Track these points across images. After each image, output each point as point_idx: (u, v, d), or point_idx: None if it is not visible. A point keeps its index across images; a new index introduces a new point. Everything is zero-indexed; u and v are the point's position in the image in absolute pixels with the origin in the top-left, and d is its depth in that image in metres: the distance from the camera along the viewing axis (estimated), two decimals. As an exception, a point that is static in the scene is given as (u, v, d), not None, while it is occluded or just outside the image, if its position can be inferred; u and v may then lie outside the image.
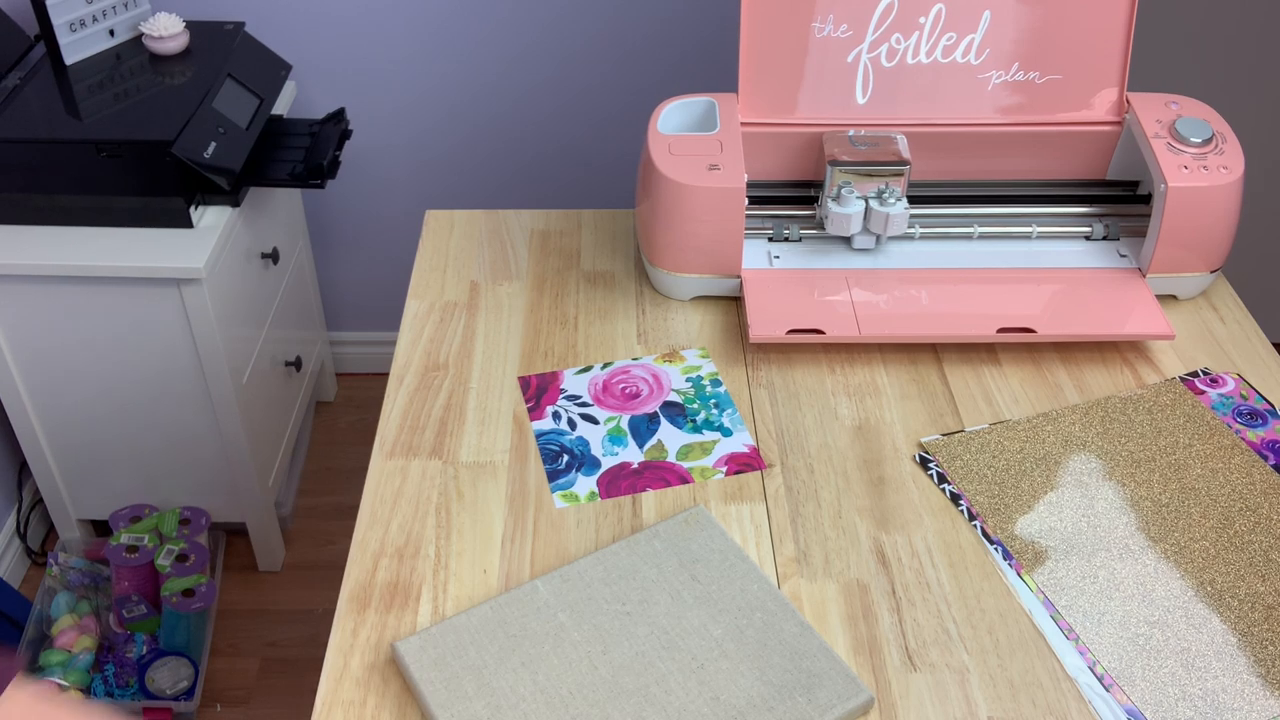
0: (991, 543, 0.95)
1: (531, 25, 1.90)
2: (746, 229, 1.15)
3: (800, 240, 1.22)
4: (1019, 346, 1.14)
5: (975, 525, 0.97)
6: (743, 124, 1.19)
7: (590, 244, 1.29)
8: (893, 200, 1.15)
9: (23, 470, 2.03)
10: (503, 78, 1.96)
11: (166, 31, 1.79)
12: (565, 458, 1.02)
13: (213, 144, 1.63)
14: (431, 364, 1.14)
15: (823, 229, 1.19)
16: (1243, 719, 0.81)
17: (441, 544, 0.95)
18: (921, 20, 1.18)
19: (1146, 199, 1.19)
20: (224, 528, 2.03)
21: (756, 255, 1.20)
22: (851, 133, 1.18)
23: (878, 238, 1.20)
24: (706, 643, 0.86)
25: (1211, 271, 1.19)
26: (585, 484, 1.00)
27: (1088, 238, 1.22)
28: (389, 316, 2.34)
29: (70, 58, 1.78)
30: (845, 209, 1.16)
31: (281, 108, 1.91)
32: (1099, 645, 0.87)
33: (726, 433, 1.03)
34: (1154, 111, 1.19)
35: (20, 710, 0.69)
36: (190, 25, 1.87)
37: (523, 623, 0.87)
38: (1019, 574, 0.93)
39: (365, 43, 1.96)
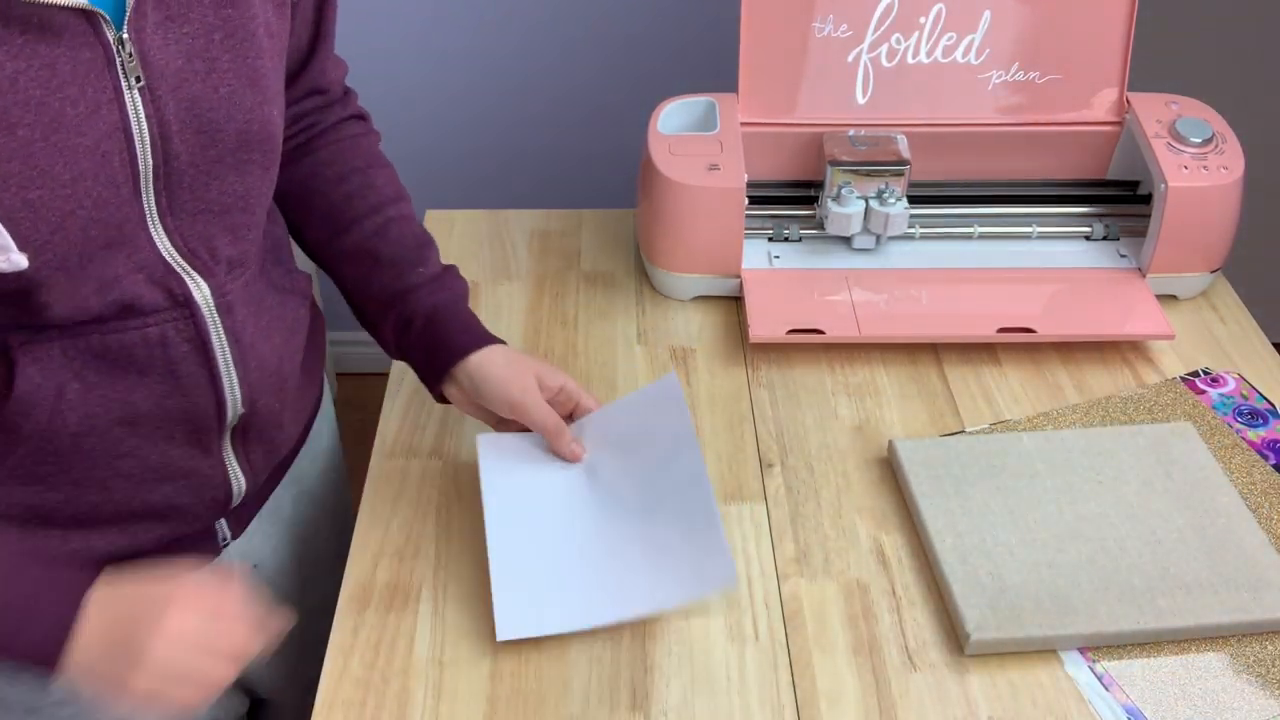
0: (992, 543, 0.95)
1: (531, 25, 1.90)
2: (746, 229, 1.15)
3: (800, 240, 1.22)
4: (1019, 346, 1.14)
5: (975, 525, 0.97)
6: (743, 124, 1.19)
7: (590, 244, 1.29)
8: (893, 200, 1.15)
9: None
10: (502, 78, 1.96)
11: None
12: None
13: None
14: (431, 364, 1.13)
15: (823, 229, 1.19)
16: (1243, 719, 0.81)
17: (441, 544, 0.95)
18: (921, 20, 1.18)
19: (1146, 199, 1.19)
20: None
21: (756, 255, 1.20)
22: (851, 133, 1.18)
23: (878, 238, 1.20)
24: (1167, 525, 0.92)
25: (1211, 271, 1.19)
26: None
27: (1088, 238, 1.22)
28: (389, 316, 2.33)
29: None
30: (845, 209, 1.15)
31: (281, 108, 1.91)
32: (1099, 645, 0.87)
33: None
34: (1154, 111, 1.19)
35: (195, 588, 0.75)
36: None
37: (1003, 460, 0.98)
38: (1019, 574, 0.92)
39: (365, 43, 1.96)
